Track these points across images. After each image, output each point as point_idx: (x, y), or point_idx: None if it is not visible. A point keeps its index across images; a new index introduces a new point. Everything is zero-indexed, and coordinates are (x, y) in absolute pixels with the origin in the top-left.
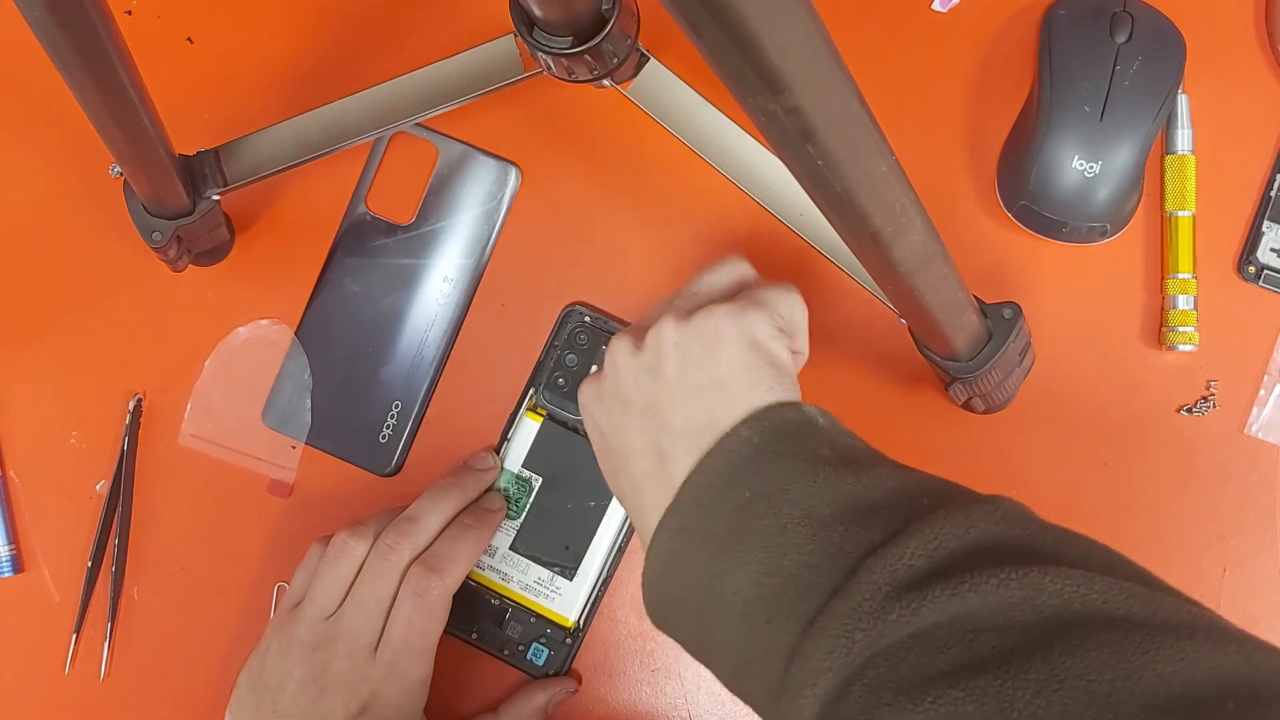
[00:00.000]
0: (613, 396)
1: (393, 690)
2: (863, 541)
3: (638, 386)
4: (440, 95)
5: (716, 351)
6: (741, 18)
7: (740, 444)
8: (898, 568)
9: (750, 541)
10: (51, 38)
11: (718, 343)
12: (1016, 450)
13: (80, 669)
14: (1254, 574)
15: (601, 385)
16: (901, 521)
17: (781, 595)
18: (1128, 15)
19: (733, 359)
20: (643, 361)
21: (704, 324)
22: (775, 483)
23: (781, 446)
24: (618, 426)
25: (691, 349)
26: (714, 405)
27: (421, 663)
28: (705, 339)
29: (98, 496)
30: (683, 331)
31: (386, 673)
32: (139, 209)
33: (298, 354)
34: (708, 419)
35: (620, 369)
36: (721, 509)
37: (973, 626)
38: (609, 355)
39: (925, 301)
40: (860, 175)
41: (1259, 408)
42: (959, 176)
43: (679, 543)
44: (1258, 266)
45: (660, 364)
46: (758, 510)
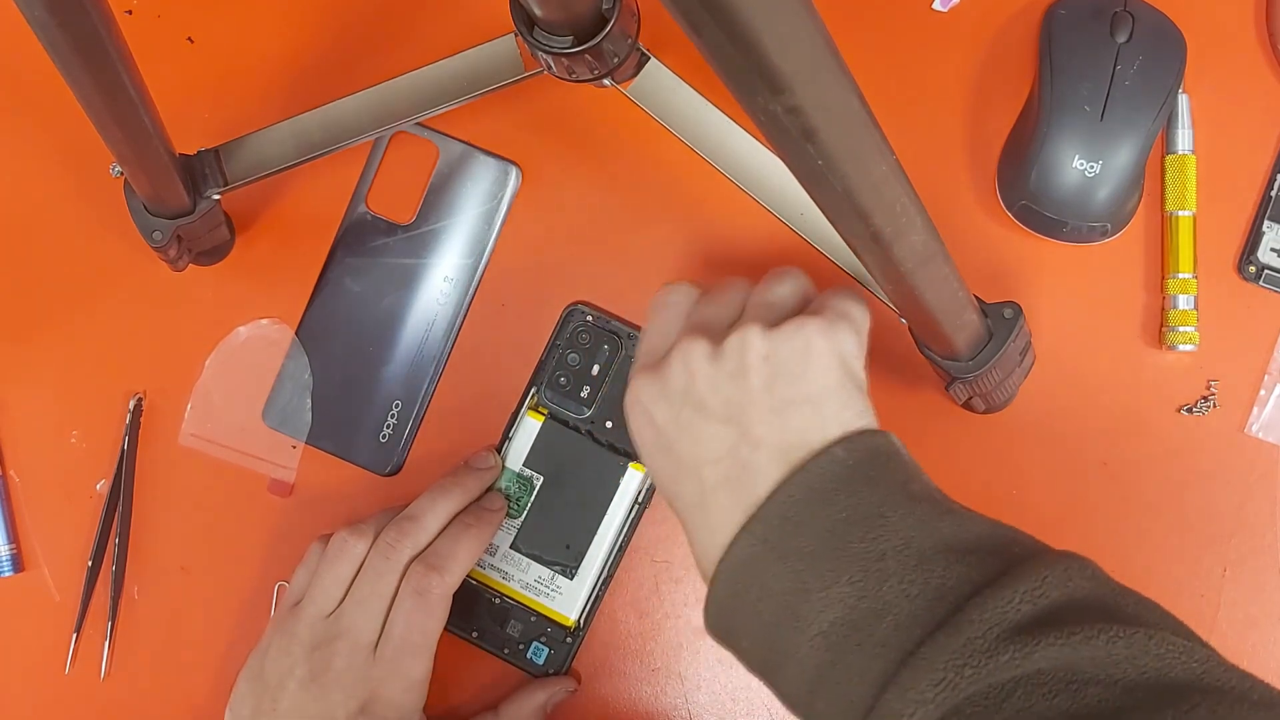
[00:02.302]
0: (682, 397)
1: (393, 689)
2: (964, 580)
3: (715, 392)
4: (441, 95)
5: (808, 367)
6: (742, 17)
7: (835, 464)
8: (1007, 610)
9: (845, 563)
10: (52, 37)
11: (809, 358)
12: (1017, 450)
13: (80, 668)
14: (1254, 574)
15: (666, 383)
16: (1000, 566)
17: (876, 621)
18: (1128, 15)
19: (824, 377)
20: (723, 368)
21: (795, 337)
22: (872, 508)
23: (876, 473)
24: (687, 429)
25: (781, 361)
26: (805, 422)
27: (422, 661)
28: (796, 352)
29: (98, 496)
30: (771, 342)
31: (387, 671)
32: (139, 208)
33: (298, 353)
34: (798, 435)
35: (695, 371)
36: (812, 526)
37: (1076, 678)
38: (679, 353)
39: (925, 301)
40: (860, 175)
41: (1259, 408)
42: (959, 176)
43: (761, 553)
44: (1258, 266)
45: (745, 373)
46: (854, 533)
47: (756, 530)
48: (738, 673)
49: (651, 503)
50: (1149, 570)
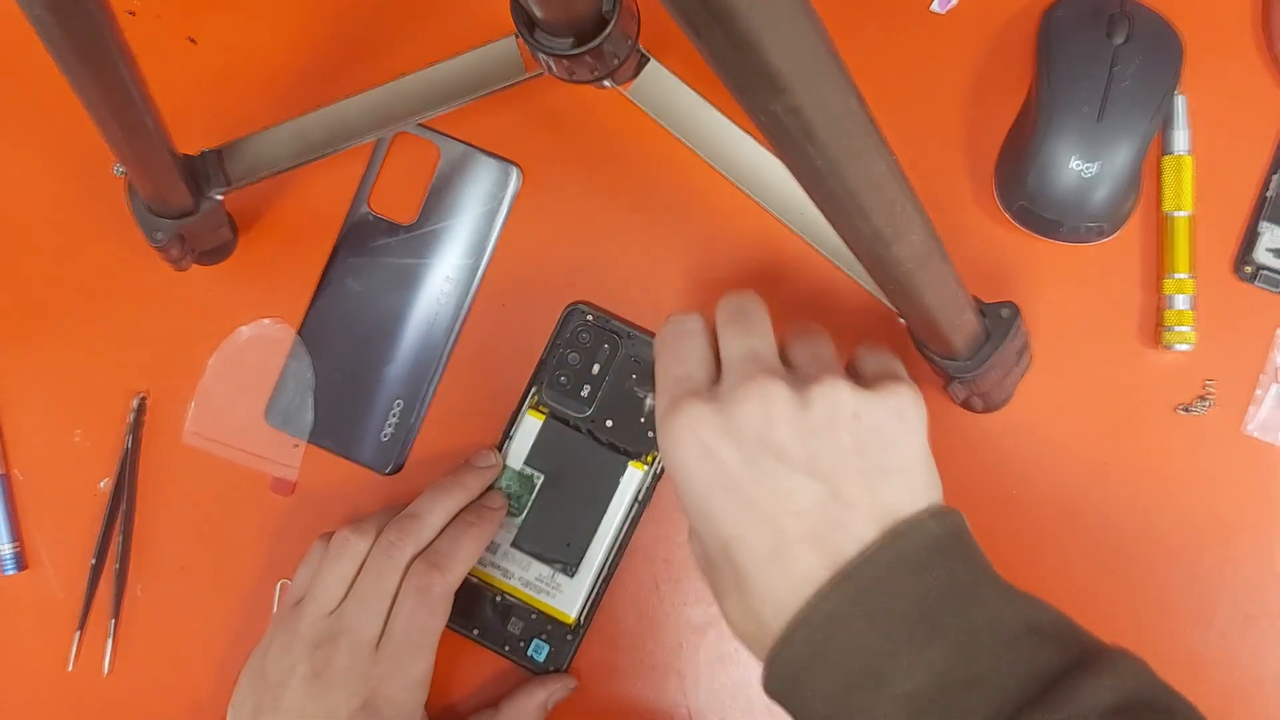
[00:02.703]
0: (757, 441)
1: (394, 686)
2: (1052, 663)
3: (800, 444)
4: (442, 96)
5: (901, 435)
6: (742, 19)
7: (927, 535)
8: (1098, 693)
9: (936, 631)
10: (54, 38)
11: (904, 426)
12: (1015, 449)
13: (83, 666)
14: (1252, 573)
15: (736, 422)
16: (1081, 651)
17: (965, 691)
18: (1125, 16)
19: (915, 448)
20: (809, 420)
21: (888, 402)
22: (964, 583)
23: (964, 550)
24: (766, 476)
25: (874, 424)
26: (899, 491)
27: (423, 659)
28: (890, 419)
29: (101, 495)
30: (863, 402)
31: (388, 669)
32: (142, 209)
33: (300, 353)
34: (891, 502)
35: (776, 416)
36: (905, 592)
37: None
38: (757, 394)
39: (924, 301)
40: (860, 175)
41: (1256, 407)
42: (957, 177)
43: (849, 612)
44: (1254, 266)
45: (834, 430)
46: (946, 605)
47: (847, 589)
48: (737, 671)
49: (651, 501)
50: (1147, 570)
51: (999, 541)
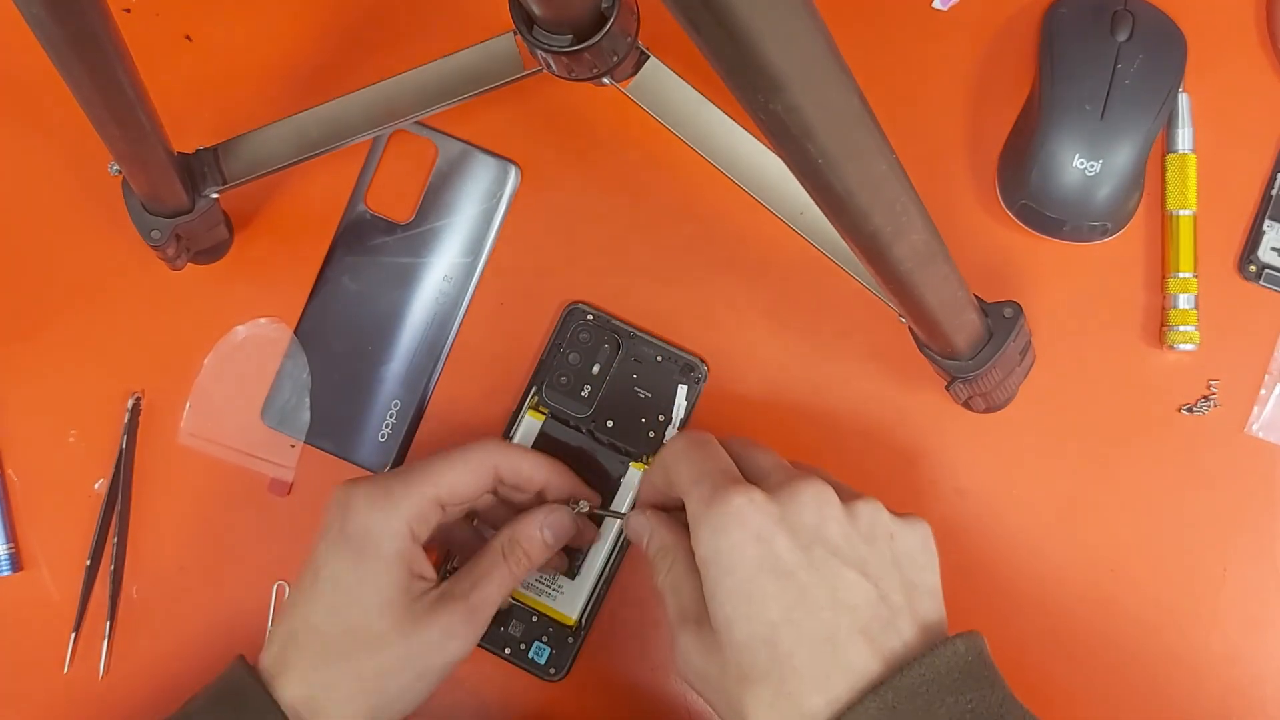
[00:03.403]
0: (812, 536)
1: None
2: None
3: (850, 545)
4: (440, 93)
5: (929, 561)
6: (741, 16)
7: (958, 657)
8: None
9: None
10: (50, 35)
11: (929, 555)
12: (1017, 449)
13: (79, 668)
14: (1254, 574)
15: (791, 512)
16: None
17: None
18: (1128, 13)
19: (937, 577)
20: (856, 529)
21: (918, 529)
22: (994, 708)
23: (990, 675)
24: (819, 568)
25: (909, 547)
26: (929, 610)
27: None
28: (919, 544)
29: (96, 495)
30: (898, 525)
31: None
32: (138, 207)
33: (297, 352)
34: (925, 620)
35: (829, 516)
36: (939, 709)
37: None
38: (813, 493)
39: (925, 300)
40: (860, 174)
41: (1260, 407)
42: (959, 175)
43: (898, 709)
44: (1259, 265)
45: (875, 541)
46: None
47: (888, 697)
48: None
49: None
50: (1149, 570)
51: (999, 542)
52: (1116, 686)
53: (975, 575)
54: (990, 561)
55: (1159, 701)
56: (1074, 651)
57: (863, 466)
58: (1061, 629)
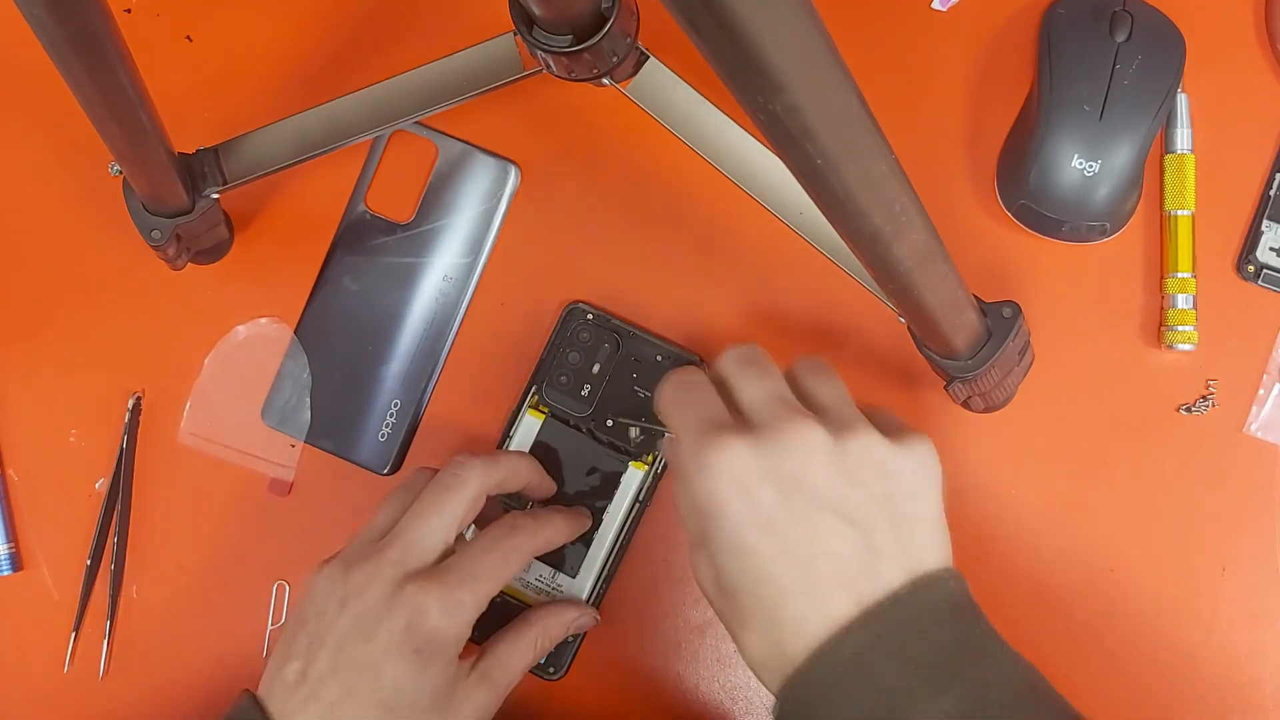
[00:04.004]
0: (793, 483)
1: (437, 610)
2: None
3: (833, 488)
4: (440, 94)
5: (923, 490)
6: (741, 16)
7: (949, 590)
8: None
9: (953, 681)
10: (50, 36)
11: (927, 479)
12: (1016, 449)
13: (79, 667)
14: (1253, 573)
15: (774, 461)
16: (1056, 716)
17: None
18: (1127, 14)
19: (934, 503)
20: (845, 466)
21: (915, 454)
22: (979, 640)
23: (974, 610)
24: (799, 519)
25: (902, 477)
26: (921, 543)
27: (477, 591)
28: (914, 470)
29: (97, 495)
30: (893, 454)
31: (437, 592)
32: (138, 207)
33: (297, 352)
34: (917, 554)
35: (813, 460)
36: (928, 640)
37: None
38: (795, 436)
39: (925, 300)
40: (860, 174)
41: (1258, 407)
42: (958, 175)
43: (873, 648)
44: (1257, 265)
45: (867, 478)
46: (964, 657)
47: (874, 627)
48: (736, 672)
49: (652, 502)
50: (1148, 570)
51: (999, 541)
52: (1115, 686)
53: (973, 575)
54: (989, 561)
55: (1158, 701)
56: (1073, 651)
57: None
58: (1060, 629)
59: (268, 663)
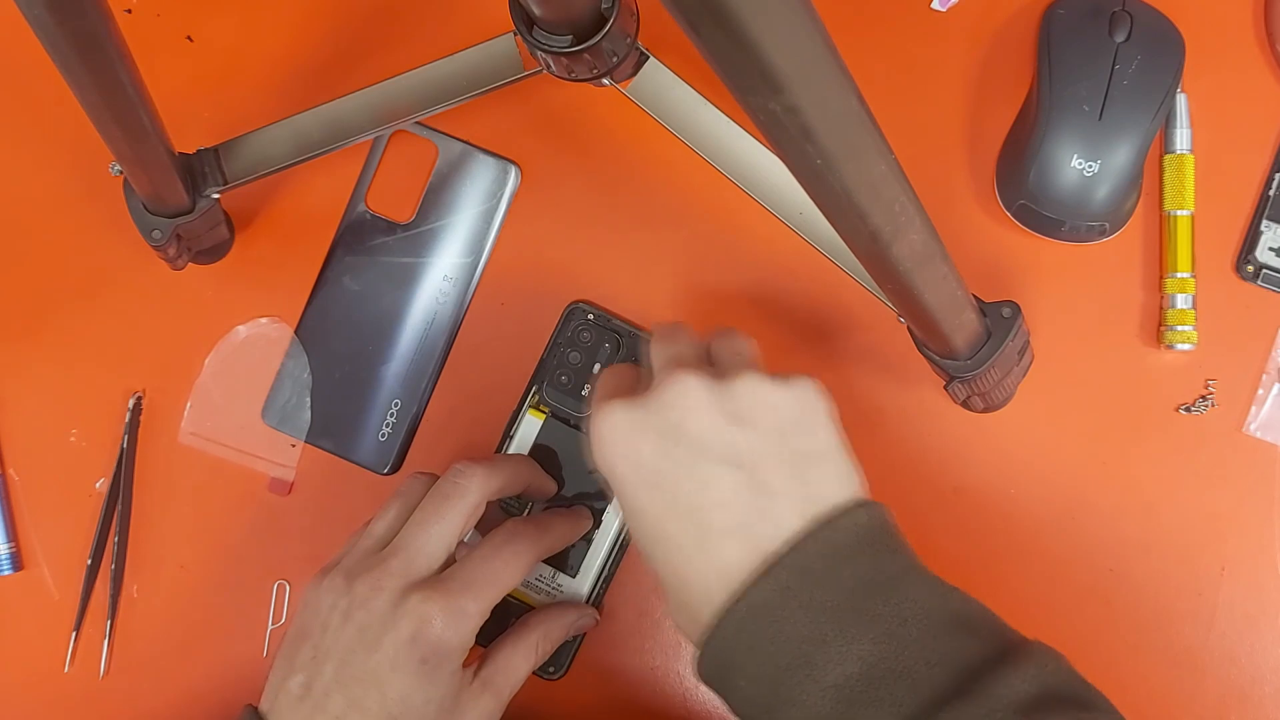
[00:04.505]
0: (675, 436)
1: (440, 619)
2: (975, 655)
3: (718, 434)
4: (440, 94)
5: (815, 422)
6: (740, 16)
7: (857, 526)
8: (1018, 686)
9: (866, 623)
10: (51, 36)
11: (815, 413)
12: (1015, 449)
13: (80, 667)
14: (1252, 573)
15: (654, 416)
16: (1000, 644)
17: (894, 682)
18: (1127, 14)
19: (830, 434)
20: (728, 409)
21: (800, 391)
22: (894, 573)
23: (892, 543)
24: (683, 470)
25: (790, 412)
26: (821, 478)
27: (480, 600)
28: (802, 406)
29: (97, 494)
30: (778, 391)
31: (441, 600)
32: (139, 207)
33: (297, 352)
34: (817, 490)
35: (692, 407)
36: (835, 582)
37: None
38: (674, 388)
39: (924, 300)
40: (859, 174)
41: (1257, 407)
42: (958, 175)
43: (780, 599)
44: (1256, 265)
45: (754, 418)
46: (876, 595)
47: (779, 577)
48: None
49: None
50: (1147, 569)
51: (999, 541)
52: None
53: (973, 575)
54: (988, 561)
55: (1158, 701)
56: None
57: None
58: (1060, 629)
59: (269, 676)
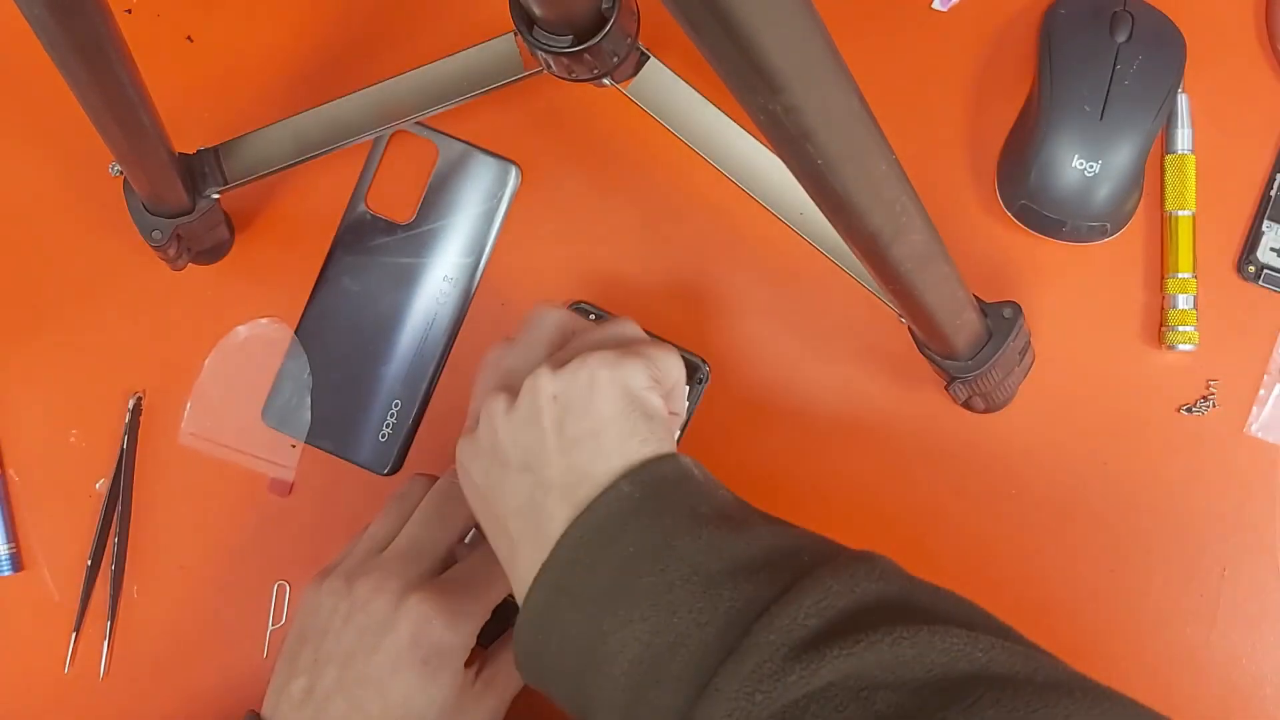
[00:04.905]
0: (489, 454)
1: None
2: (752, 600)
3: (514, 443)
4: (440, 94)
5: (592, 400)
6: (741, 16)
7: (620, 499)
8: (793, 628)
9: (636, 599)
10: (51, 36)
11: (593, 391)
12: (1016, 450)
13: (80, 668)
14: (1253, 574)
15: (477, 443)
16: (788, 579)
17: (671, 655)
18: (1128, 14)
19: (608, 408)
20: (518, 415)
21: (578, 372)
22: (659, 539)
23: (662, 503)
24: (494, 485)
25: (569, 399)
26: (589, 457)
27: (480, 602)
28: (581, 388)
29: (97, 495)
30: (558, 381)
31: (439, 602)
32: (139, 208)
33: (297, 353)
34: (583, 472)
35: (496, 424)
36: (602, 566)
37: (867, 684)
38: (484, 410)
39: (925, 301)
40: (860, 174)
41: (1259, 407)
42: (959, 176)
43: (555, 601)
44: (1258, 266)
45: (537, 416)
46: (642, 567)
47: (549, 577)
48: None
49: None
50: (1148, 570)
51: (999, 542)
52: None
53: (973, 575)
54: (989, 562)
55: (1159, 702)
56: (1073, 652)
57: (862, 466)
58: (1061, 629)
59: (271, 680)
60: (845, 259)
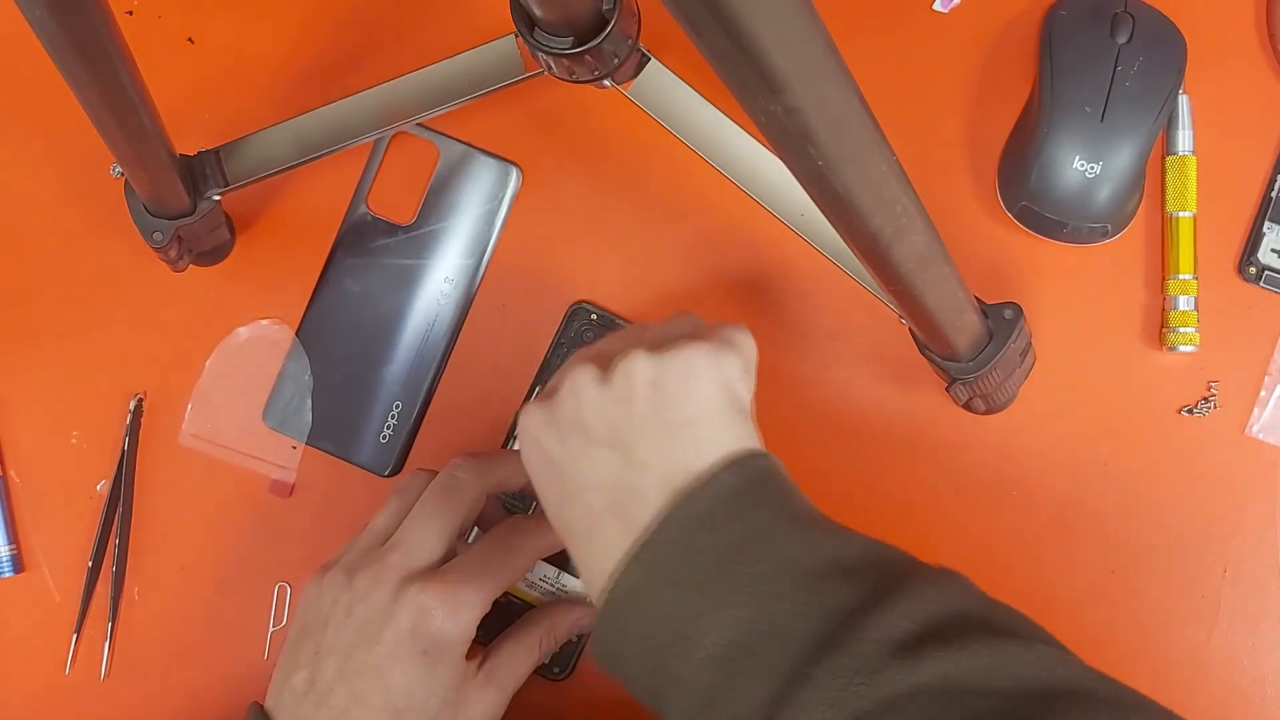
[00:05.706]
0: (570, 424)
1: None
2: (850, 599)
3: (601, 417)
4: (441, 95)
5: (691, 389)
6: (742, 17)
7: (721, 489)
8: (893, 629)
9: (734, 586)
10: (52, 37)
11: (692, 380)
12: (1017, 450)
13: (80, 669)
14: (1254, 575)
15: (555, 411)
16: (882, 584)
17: (766, 643)
18: (1128, 16)
19: (707, 399)
20: (610, 392)
21: (679, 359)
22: (759, 531)
23: (760, 497)
24: (574, 457)
25: (666, 384)
26: (688, 445)
27: (480, 592)
28: (680, 375)
29: (98, 496)
30: (658, 366)
31: (439, 592)
32: (140, 209)
33: (298, 354)
34: (681, 459)
35: (582, 397)
36: (700, 551)
37: (959, 689)
38: (568, 381)
39: (926, 302)
40: (860, 175)
41: (1260, 409)
42: (960, 177)
43: (649, 580)
44: (1258, 267)
45: (631, 397)
46: (742, 557)
47: (645, 557)
48: None
49: None
50: (1149, 571)
51: (1000, 543)
52: None
53: (974, 576)
54: (989, 562)
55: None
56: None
57: (863, 467)
58: (1061, 630)
59: (274, 673)
60: (846, 260)
